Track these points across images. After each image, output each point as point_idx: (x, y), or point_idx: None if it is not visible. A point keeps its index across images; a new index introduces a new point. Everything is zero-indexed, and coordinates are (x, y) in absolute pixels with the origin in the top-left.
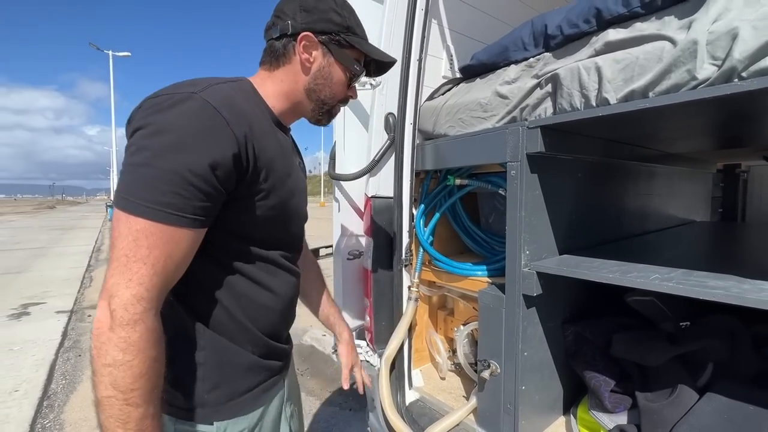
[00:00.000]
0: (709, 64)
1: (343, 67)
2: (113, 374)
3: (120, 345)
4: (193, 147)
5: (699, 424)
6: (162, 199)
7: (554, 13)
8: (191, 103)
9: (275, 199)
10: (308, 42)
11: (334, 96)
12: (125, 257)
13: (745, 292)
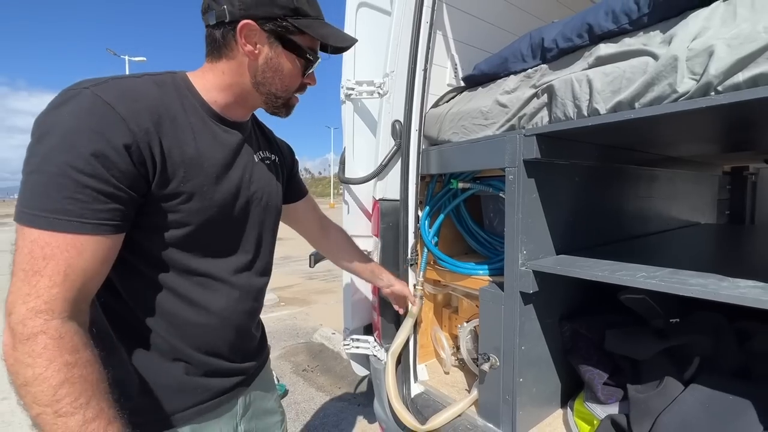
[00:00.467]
0: (689, 78)
1: (294, 57)
2: (31, 391)
3: (26, 361)
4: (78, 145)
5: (681, 412)
6: (54, 206)
7: (550, 27)
8: (80, 99)
9: (201, 202)
10: (249, 31)
11: (287, 88)
12: (22, 272)
13: (721, 288)
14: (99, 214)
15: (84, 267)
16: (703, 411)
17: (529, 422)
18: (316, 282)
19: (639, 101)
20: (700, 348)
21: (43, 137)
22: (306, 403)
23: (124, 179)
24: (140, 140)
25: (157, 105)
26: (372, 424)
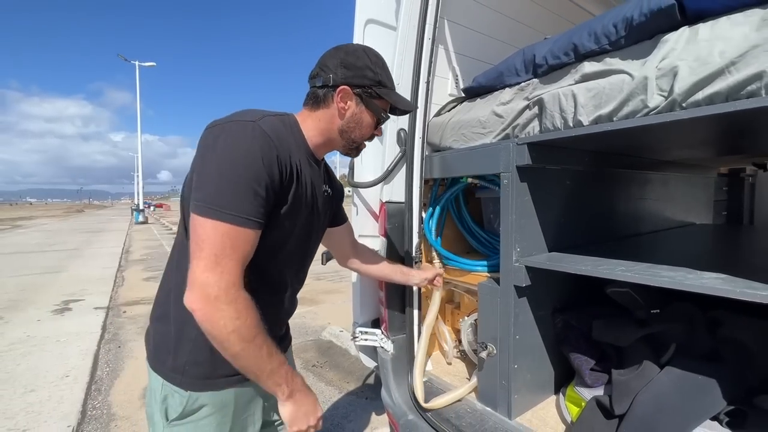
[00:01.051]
0: (658, 95)
1: (372, 114)
2: (239, 333)
3: (233, 315)
4: (256, 165)
5: (656, 391)
6: (240, 206)
7: (542, 44)
8: (252, 130)
9: (292, 220)
10: (345, 94)
11: (363, 136)
12: (214, 255)
13: (687, 279)
14: (259, 215)
15: (249, 252)
16: (676, 389)
17: (524, 406)
18: (324, 282)
19: (617, 115)
20: (675, 335)
21: (229, 154)
22: None
23: (272, 193)
24: (283, 166)
25: (289, 142)
26: (380, 415)
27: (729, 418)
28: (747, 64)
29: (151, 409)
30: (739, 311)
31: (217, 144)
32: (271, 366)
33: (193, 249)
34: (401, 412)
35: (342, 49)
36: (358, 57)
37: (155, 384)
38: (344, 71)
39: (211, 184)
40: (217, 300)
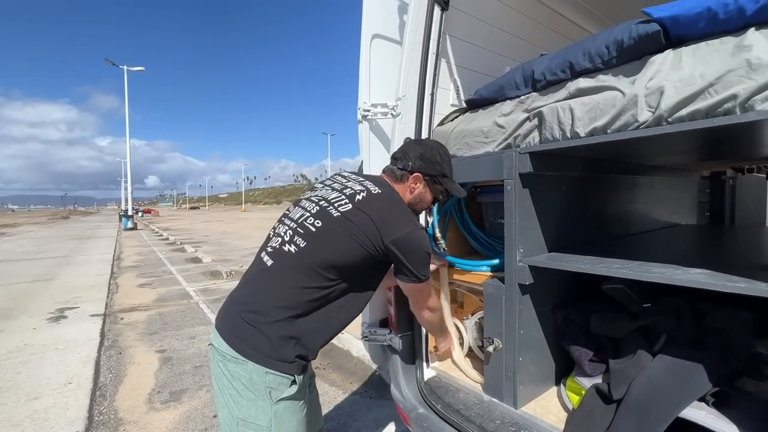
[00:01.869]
0: (647, 111)
1: (432, 194)
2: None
3: (436, 316)
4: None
5: (650, 376)
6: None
7: (539, 60)
8: (423, 231)
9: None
10: (417, 179)
11: (422, 209)
12: (425, 298)
13: (675, 274)
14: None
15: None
16: (667, 375)
17: (528, 396)
18: None
19: (610, 127)
20: (665, 326)
21: (422, 244)
22: (321, 398)
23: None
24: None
25: None
26: (384, 413)
27: (714, 399)
28: (724, 87)
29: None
30: (722, 303)
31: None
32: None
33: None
34: (411, 406)
35: (422, 144)
36: (432, 154)
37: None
38: (421, 163)
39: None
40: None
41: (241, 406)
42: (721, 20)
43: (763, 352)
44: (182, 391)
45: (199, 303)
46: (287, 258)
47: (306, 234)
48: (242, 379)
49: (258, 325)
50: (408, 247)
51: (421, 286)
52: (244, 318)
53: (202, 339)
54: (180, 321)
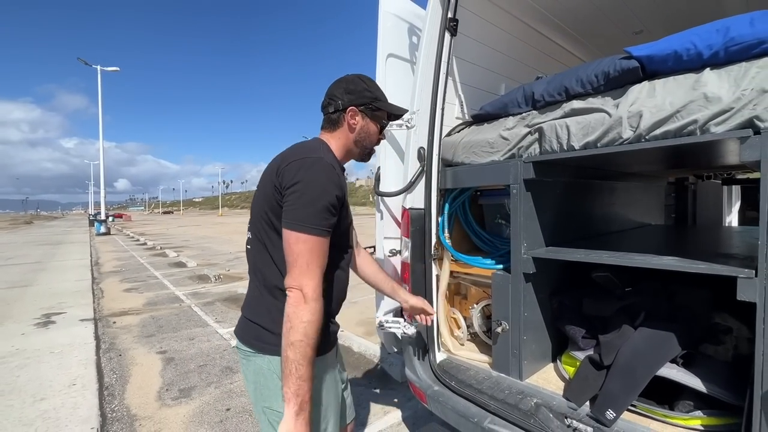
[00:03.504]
0: (629, 130)
1: (375, 124)
2: (306, 328)
3: (310, 311)
4: (330, 191)
5: (632, 345)
6: (322, 223)
7: (538, 83)
8: (323, 163)
9: (344, 220)
10: (353, 112)
11: (372, 142)
12: (306, 263)
13: (652, 260)
14: (331, 226)
15: (325, 257)
16: (646, 343)
17: (531, 370)
18: None
19: (600, 142)
20: (644, 305)
21: (310, 184)
22: None
23: (337, 208)
24: (342, 186)
25: (338, 165)
26: (389, 403)
27: (683, 360)
28: (687, 113)
29: (267, 384)
30: (687, 284)
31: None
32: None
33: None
34: (427, 385)
35: (342, 80)
36: (356, 83)
37: (267, 364)
38: (349, 96)
39: (303, 209)
40: (306, 296)
41: (265, 396)
42: (685, 60)
43: (719, 322)
44: (191, 388)
45: (192, 306)
46: (251, 241)
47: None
48: (260, 371)
49: (254, 317)
50: (292, 175)
51: (297, 242)
52: (245, 314)
53: (202, 340)
54: (176, 324)
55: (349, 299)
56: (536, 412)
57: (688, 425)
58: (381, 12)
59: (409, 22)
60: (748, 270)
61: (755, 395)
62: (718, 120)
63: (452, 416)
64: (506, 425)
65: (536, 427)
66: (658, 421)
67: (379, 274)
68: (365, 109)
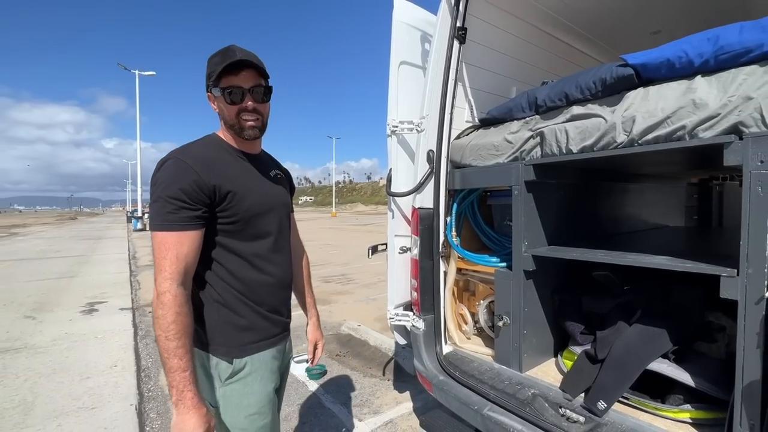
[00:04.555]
0: (623, 134)
1: (222, 97)
2: (158, 322)
3: (159, 305)
4: (171, 185)
5: (626, 340)
6: (164, 218)
7: (541, 89)
8: (171, 161)
9: (242, 204)
10: (209, 97)
11: (231, 117)
12: (157, 257)
13: (643, 258)
14: (182, 219)
15: (185, 252)
16: (639, 338)
17: (531, 364)
18: (333, 285)
19: (596, 146)
20: (640, 303)
21: (156, 184)
22: (344, 380)
23: (196, 199)
24: (202, 175)
25: (209, 156)
26: (402, 392)
27: (674, 356)
28: (677, 119)
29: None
30: (683, 284)
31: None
32: (170, 365)
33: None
34: (433, 375)
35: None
36: (208, 65)
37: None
38: (206, 83)
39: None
40: (157, 291)
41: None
42: (677, 68)
43: (713, 321)
44: None
45: None
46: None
47: None
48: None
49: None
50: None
51: (152, 241)
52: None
53: None
54: None
55: (367, 296)
56: (533, 402)
57: (677, 417)
58: (394, 21)
59: (421, 30)
60: (731, 269)
61: (736, 388)
62: (705, 125)
63: (455, 404)
64: (503, 413)
65: (531, 415)
66: (649, 413)
67: (300, 283)
68: (212, 89)
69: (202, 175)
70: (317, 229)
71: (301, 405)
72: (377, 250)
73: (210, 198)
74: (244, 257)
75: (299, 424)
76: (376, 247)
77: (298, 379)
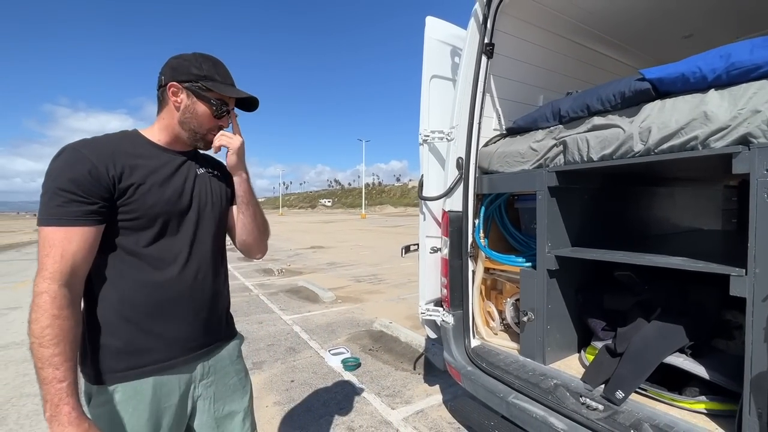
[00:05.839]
0: (640, 144)
1: (205, 105)
2: (31, 327)
3: (33, 308)
4: (61, 174)
5: (643, 335)
6: (51, 211)
7: (564, 100)
8: (65, 151)
9: (149, 200)
10: (175, 89)
11: (202, 125)
12: (40, 255)
13: (659, 259)
14: (74, 213)
15: (73, 250)
16: (657, 334)
17: (554, 357)
18: (364, 284)
19: (615, 155)
20: (660, 301)
21: (47, 174)
22: (377, 372)
23: (90, 190)
24: (99, 167)
25: (113, 146)
26: (432, 386)
27: (691, 351)
28: (690, 129)
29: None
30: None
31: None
32: (44, 375)
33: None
34: (461, 366)
35: (174, 56)
36: (185, 59)
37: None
38: (171, 71)
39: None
40: (33, 292)
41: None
42: (692, 82)
43: (731, 319)
44: (261, 362)
45: (260, 295)
46: None
47: None
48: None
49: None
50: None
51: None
52: None
53: (269, 324)
54: (246, 309)
55: (397, 296)
56: (555, 391)
57: (692, 408)
58: (426, 38)
59: (451, 44)
60: (739, 269)
61: (745, 379)
62: (716, 136)
63: (482, 392)
64: (527, 400)
65: (553, 402)
66: (665, 403)
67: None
68: (191, 86)
69: (99, 166)
70: (347, 230)
71: (337, 393)
72: (410, 250)
73: (109, 191)
74: (145, 261)
75: (337, 409)
76: (408, 247)
77: (334, 370)
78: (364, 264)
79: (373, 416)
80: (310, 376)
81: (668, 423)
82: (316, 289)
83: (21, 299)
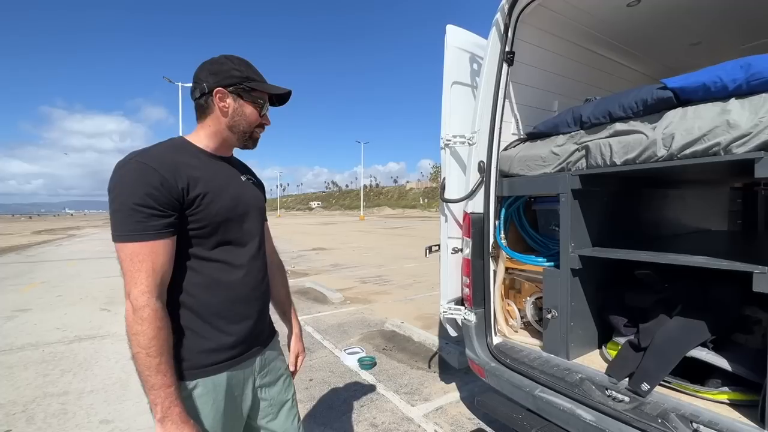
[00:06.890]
0: (663, 149)
1: (252, 106)
2: (137, 338)
3: (138, 321)
4: (136, 190)
5: (667, 330)
6: (133, 227)
7: (585, 107)
8: (130, 164)
9: (212, 209)
10: (221, 94)
11: (251, 125)
12: (129, 272)
13: (681, 258)
14: (153, 227)
15: (161, 262)
16: (679, 329)
17: (577, 353)
18: (370, 285)
19: (638, 159)
20: (680, 298)
21: (115, 189)
22: (393, 371)
23: (164, 203)
24: (168, 179)
25: (173, 157)
26: (448, 383)
27: (713, 344)
28: (713, 136)
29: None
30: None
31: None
32: (153, 382)
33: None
34: (485, 362)
35: (207, 62)
36: (222, 63)
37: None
38: (213, 77)
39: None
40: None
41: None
42: (713, 91)
43: (750, 314)
44: None
45: None
46: None
47: None
48: None
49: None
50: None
51: (118, 253)
52: None
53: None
54: None
55: (405, 297)
56: (580, 384)
57: (716, 399)
58: (447, 45)
59: (470, 52)
60: (762, 266)
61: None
62: (738, 143)
63: (507, 387)
64: (554, 394)
65: (580, 396)
66: (689, 395)
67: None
68: (236, 89)
69: (169, 178)
70: (347, 231)
71: (356, 391)
72: (432, 251)
73: (180, 202)
74: (213, 266)
75: (358, 406)
76: (431, 247)
77: (350, 369)
78: (368, 265)
79: (394, 413)
80: (328, 375)
81: (693, 412)
82: (324, 290)
83: (30, 302)
